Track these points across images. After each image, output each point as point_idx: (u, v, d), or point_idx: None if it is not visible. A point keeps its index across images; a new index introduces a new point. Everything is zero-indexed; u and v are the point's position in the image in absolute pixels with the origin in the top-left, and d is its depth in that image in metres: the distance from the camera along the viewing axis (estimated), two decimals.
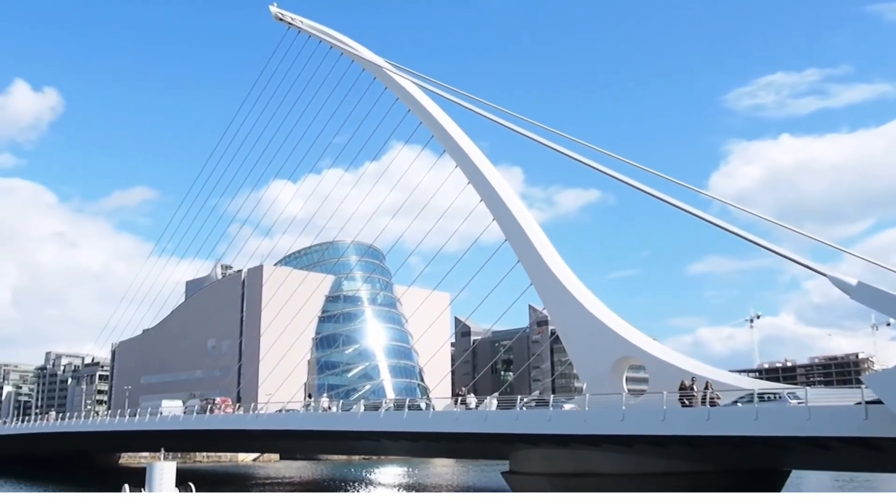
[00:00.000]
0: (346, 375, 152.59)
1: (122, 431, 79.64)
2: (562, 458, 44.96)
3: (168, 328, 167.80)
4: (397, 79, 64.17)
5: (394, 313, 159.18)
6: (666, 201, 37.24)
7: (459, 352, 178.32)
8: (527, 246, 51.51)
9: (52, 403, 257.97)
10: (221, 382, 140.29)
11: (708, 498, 23.34)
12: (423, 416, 52.40)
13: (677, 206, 36.72)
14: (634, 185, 39.07)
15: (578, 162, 42.42)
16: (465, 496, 29.17)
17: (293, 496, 33.40)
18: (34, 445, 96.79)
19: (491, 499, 29.81)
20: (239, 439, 75.48)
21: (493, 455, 63.14)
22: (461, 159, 57.79)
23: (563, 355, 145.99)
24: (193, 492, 52.63)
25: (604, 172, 40.90)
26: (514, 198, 55.50)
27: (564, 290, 48.63)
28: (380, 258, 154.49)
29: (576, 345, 48.91)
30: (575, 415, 42.16)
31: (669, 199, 37.27)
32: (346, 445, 74.94)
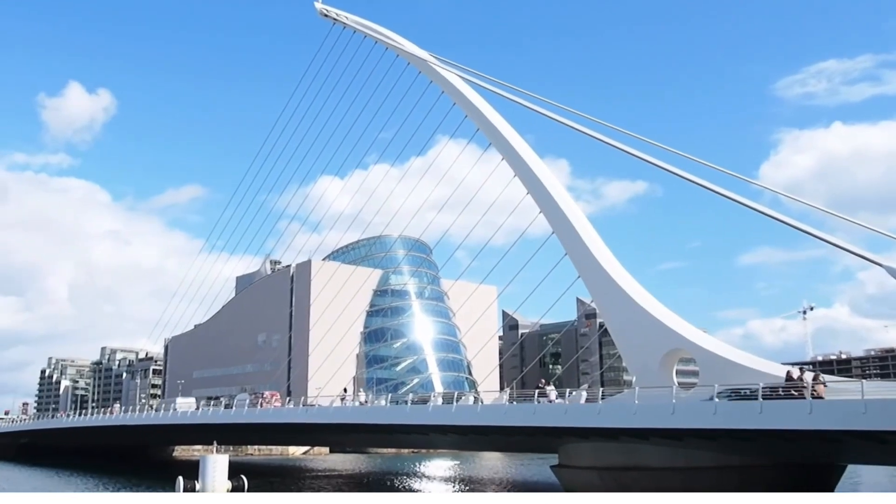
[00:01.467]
0: (394, 369, 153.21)
1: (176, 425, 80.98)
2: (611, 451, 44.66)
3: (219, 323, 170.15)
4: (442, 72, 64.08)
5: (441, 307, 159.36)
6: (715, 191, 36.63)
7: (507, 345, 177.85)
8: (574, 238, 51.16)
9: (108, 397, 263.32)
10: (272, 376, 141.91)
11: (709, 498, 23.18)
12: (471, 409, 52.41)
13: (727, 196, 36.09)
14: (683, 175, 38.52)
15: (626, 153, 41.94)
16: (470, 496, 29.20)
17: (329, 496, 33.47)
18: (91, 438, 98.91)
19: (491, 499, 29.78)
20: (289, 432, 76.27)
21: (542, 448, 62.90)
22: (507, 152, 57.57)
23: (611, 348, 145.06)
24: (245, 484, 53.51)
25: (652, 163, 40.38)
26: (560, 190, 55.15)
27: (613, 283, 48.21)
28: (427, 252, 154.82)
29: (624, 338, 48.47)
30: (625, 408, 41.78)
31: (719, 190, 36.65)
32: (395, 439, 75.37)
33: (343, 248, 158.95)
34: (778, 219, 34.20)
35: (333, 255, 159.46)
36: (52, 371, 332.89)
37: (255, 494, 32.56)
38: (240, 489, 53.40)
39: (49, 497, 17.45)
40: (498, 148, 58.55)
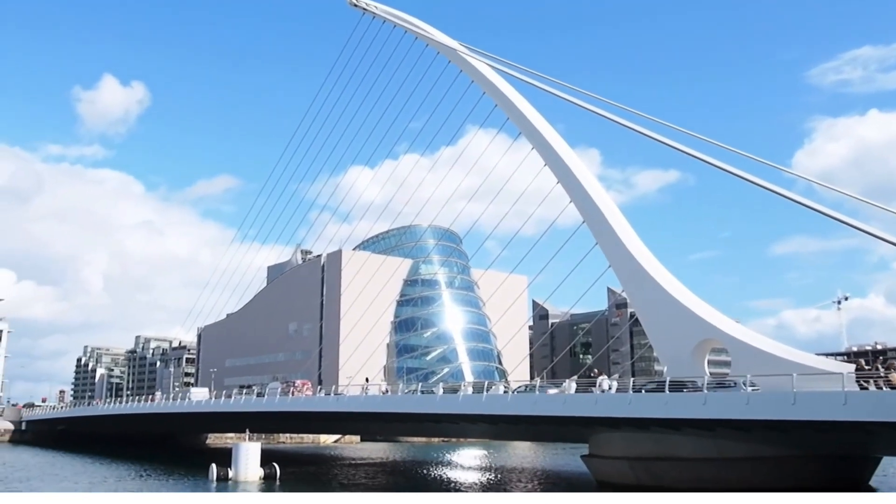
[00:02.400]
0: (424, 359, 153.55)
1: (209, 413, 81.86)
2: (642, 441, 44.54)
3: (251, 312, 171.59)
4: (472, 61, 63.93)
5: (471, 297, 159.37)
6: (748, 180, 36.25)
7: (537, 335, 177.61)
8: (605, 228, 50.94)
9: (142, 385, 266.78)
10: (303, 365, 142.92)
11: (711, 498, 23.09)
12: (501, 398, 52.45)
13: (760, 184, 35.71)
14: (715, 164, 38.17)
15: (657, 142, 41.63)
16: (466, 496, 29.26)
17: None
18: (125, 425, 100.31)
19: (491, 499, 29.78)
20: (320, 421, 76.79)
21: (573, 438, 62.82)
22: (537, 141, 57.37)
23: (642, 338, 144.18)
24: (277, 472, 54.07)
25: (683, 152, 40.08)
26: (591, 179, 54.90)
27: (644, 272, 47.97)
28: (457, 242, 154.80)
29: (656, 327, 48.24)
30: (656, 398, 41.58)
31: (751, 178, 36.26)
32: (425, 427, 75.63)
33: (373, 237, 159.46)
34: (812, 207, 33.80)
35: (364, 245, 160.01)
36: (88, 359, 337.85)
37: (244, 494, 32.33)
38: (272, 477, 53.99)
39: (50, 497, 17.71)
40: (528, 137, 58.39)
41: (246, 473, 53.55)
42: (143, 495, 31.57)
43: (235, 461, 54.34)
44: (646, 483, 44.13)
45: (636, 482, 44.87)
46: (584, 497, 23.20)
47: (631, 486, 44.62)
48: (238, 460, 54.29)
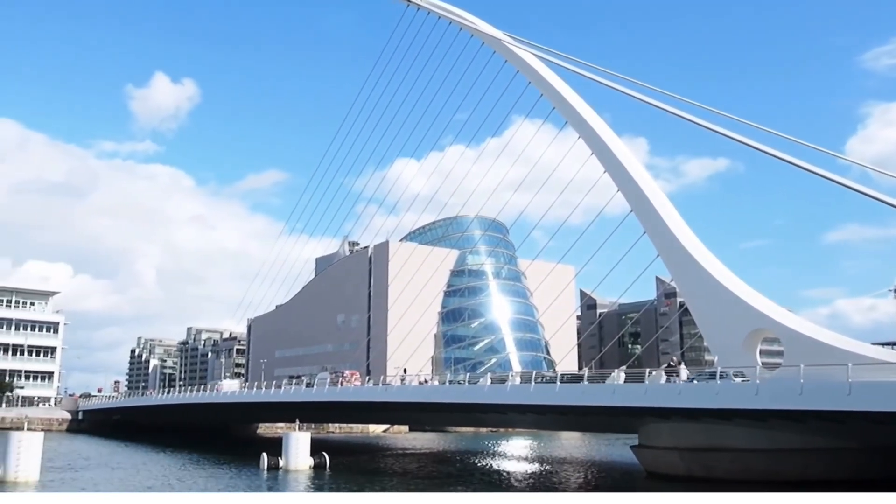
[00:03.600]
0: (472, 349, 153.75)
1: (259, 403, 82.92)
2: (693, 432, 44.13)
3: (299, 304, 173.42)
4: (517, 52, 63.61)
5: (518, 287, 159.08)
6: (800, 167, 35.53)
7: (585, 325, 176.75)
8: (653, 216, 50.41)
9: (194, 376, 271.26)
10: (351, 356, 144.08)
11: (712, 498, 22.73)
12: (549, 388, 52.28)
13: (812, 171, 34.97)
14: (766, 150, 37.47)
15: (706, 129, 40.99)
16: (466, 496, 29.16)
17: None
18: (178, 415, 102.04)
19: (490, 499, 29.57)
20: (368, 411, 77.30)
21: (622, 429, 62.48)
22: (584, 131, 56.95)
23: (692, 328, 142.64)
24: (327, 461, 54.60)
25: (733, 139, 39.39)
26: (639, 167, 54.36)
27: (693, 261, 47.39)
28: (503, 232, 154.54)
29: (706, 317, 47.63)
30: (706, 388, 41.10)
31: (804, 165, 35.53)
32: (473, 418, 75.79)
33: (420, 228, 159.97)
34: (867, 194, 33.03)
35: (410, 236, 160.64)
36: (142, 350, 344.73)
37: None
38: (321, 466, 54.53)
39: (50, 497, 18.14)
40: (574, 126, 57.99)
41: (296, 462, 54.15)
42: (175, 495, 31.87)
43: (286, 450, 54.98)
44: (697, 474, 43.71)
45: (687, 473, 44.46)
46: (585, 497, 22.97)
47: (681, 478, 44.26)
48: (288, 450, 54.91)
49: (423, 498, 28.02)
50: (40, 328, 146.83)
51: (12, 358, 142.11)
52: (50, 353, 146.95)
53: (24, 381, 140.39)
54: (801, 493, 20.54)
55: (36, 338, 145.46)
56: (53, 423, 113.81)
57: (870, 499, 19.13)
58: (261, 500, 34.27)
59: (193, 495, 35.63)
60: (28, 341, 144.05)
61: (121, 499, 24.09)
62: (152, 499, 23.78)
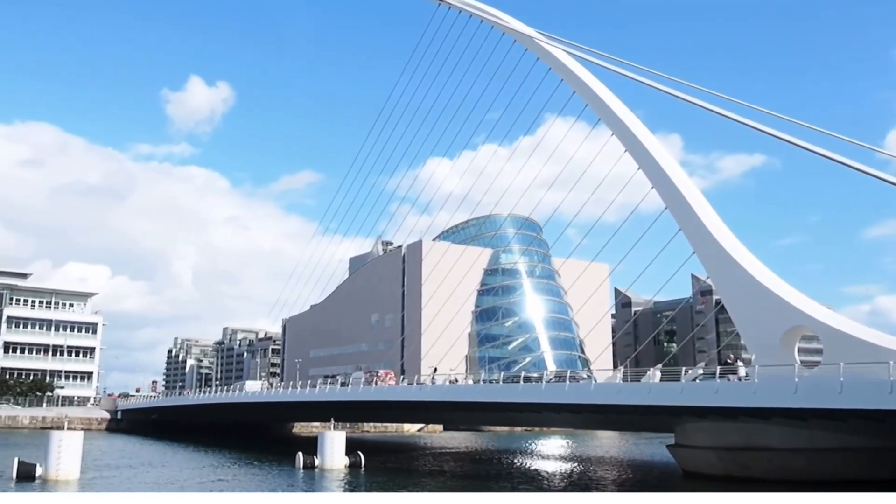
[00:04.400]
0: (506, 348, 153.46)
1: (295, 402, 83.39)
2: (730, 431, 43.64)
3: (333, 303, 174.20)
4: (549, 49, 63.31)
5: (552, 285, 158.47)
6: (838, 161, 34.97)
7: (620, 323, 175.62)
8: (688, 213, 49.91)
9: (230, 376, 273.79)
10: (386, 355, 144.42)
11: (713, 498, 22.36)
12: (584, 387, 52.01)
13: (851, 165, 34.41)
14: (803, 145, 36.98)
15: (742, 125, 40.57)
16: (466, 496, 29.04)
17: None
18: (215, 415, 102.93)
19: (489, 499, 29.34)
20: (403, 410, 77.44)
21: (658, 428, 61.92)
22: (617, 127, 56.54)
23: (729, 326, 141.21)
24: (363, 460, 54.76)
25: (769, 134, 38.93)
26: (673, 164, 53.85)
27: (729, 259, 46.84)
28: (537, 230, 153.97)
29: (743, 315, 47.04)
30: (744, 387, 40.62)
31: (842, 160, 34.96)
32: (508, 417, 75.58)
33: (453, 227, 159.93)
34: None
35: (444, 235, 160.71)
36: (178, 350, 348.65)
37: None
38: (357, 465, 54.70)
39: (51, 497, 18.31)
40: (608, 123, 57.59)
41: (331, 461, 54.38)
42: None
43: (321, 449, 55.24)
44: (734, 474, 43.25)
45: (724, 473, 44.01)
46: (587, 497, 22.78)
47: (719, 477, 43.81)
48: (323, 449, 55.16)
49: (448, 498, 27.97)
50: (79, 329, 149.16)
51: (52, 358, 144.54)
52: (89, 354, 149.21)
53: (64, 381, 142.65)
54: (801, 494, 20.25)
55: (75, 338, 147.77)
56: (93, 422, 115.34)
57: (870, 499, 18.83)
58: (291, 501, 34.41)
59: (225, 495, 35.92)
60: (67, 342, 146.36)
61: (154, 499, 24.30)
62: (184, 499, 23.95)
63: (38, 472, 45.60)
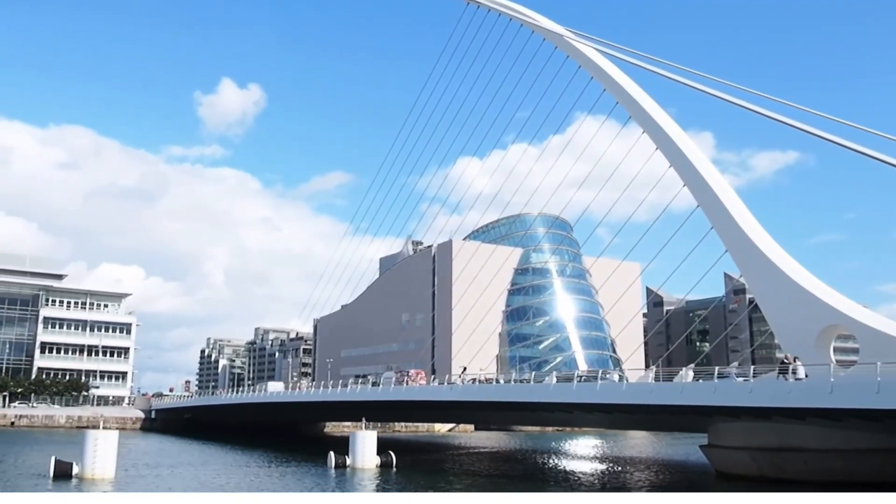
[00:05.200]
0: (537, 347, 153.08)
1: (326, 402, 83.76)
2: (764, 431, 43.17)
3: (364, 303, 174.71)
4: (579, 46, 63.02)
5: (583, 285, 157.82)
6: (875, 158, 34.43)
7: (652, 322, 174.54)
8: (721, 211, 49.45)
9: (262, 375, 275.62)
10: (416, 355, 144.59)
11: (712, 498, 22.03)
12: (616, 387, 51.70)
13: (888, 162, 33.88)
14: (838, 142, 36.44)
15: (775, 121, 40.10)
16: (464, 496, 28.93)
17: None
18: (247, 414, 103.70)
19: (488, 499, 29.13)
20: (434, 410, 77.46)
21: (690, 428, 61.45)
22: (648, 125, 56.16)
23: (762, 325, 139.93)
24: (394, 460, 54.87)
25: (804, 131, 38.43)
26: (705, 162, 53.39)
27: (763, 257, 46.34)
28: (567, 229, 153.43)
29: (777, 314, 46.51)
30: (778, 386, 40.10)
31: (878, 156, 34.41)
32: (539, 416, 75.32)
33: (483, 227, 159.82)
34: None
35: (474, 235, 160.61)
36: (211, 350, 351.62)
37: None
38: (388, 465, 54.81)
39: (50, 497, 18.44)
40: (638, 121, 57.22)
41: (363, 461, 54.53)
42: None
43: (352, 449, 55.41)
44: (769, 475, 42.77)
45: (759, 474, 43.55)
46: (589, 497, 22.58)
47: (753, 478, 43.36)
48: (355, 448, 55.33)
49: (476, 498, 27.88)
50: (114, 329, 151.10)
51: (88, 358, 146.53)
52: (123, 354, 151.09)
53: (99, 381, 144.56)
54: (802, 494, 20.01)
55: (110, 339, 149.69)
56: (127, 421, 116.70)
57: (870, 499, 18.59)
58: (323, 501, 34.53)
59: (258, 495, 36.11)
60: (102, 342, 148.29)
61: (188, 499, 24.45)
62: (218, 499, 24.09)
63: (74, 470, 46.22)
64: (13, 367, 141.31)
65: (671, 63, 50.50)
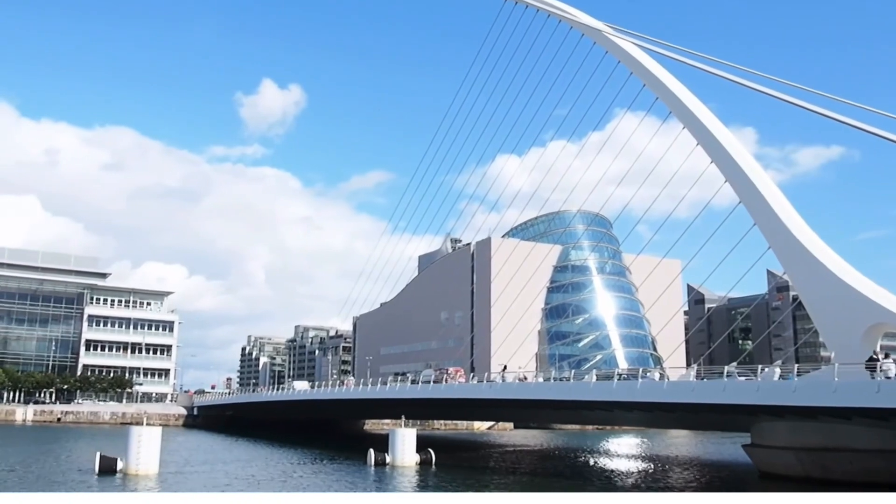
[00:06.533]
0: (576, 345, 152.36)
1: (366, 399, 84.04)
2: (809, 431, 42.44)
3: (403, 301, 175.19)
4: (618, 42, 62.46)
5: (623, 282, 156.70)
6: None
7: (693, 320, 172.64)
8: (764, 207, 48.72)
9: (302, 373, 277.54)
10: (455, 353, 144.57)
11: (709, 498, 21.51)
12: (657, 385, 51.21)
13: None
14: (884, 135, 35.72)
15: (819, 115, 39.41)
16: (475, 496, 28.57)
17: None
18: (287, 412, 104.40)
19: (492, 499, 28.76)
20: (473, 408, 77.38)
21: (733, 427, 60.66)
22: (689, 121, 55.48)
23: (806, 323, 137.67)
24: (433, 457, 54.88)
25: (849, 125, 37.73)
26: (747, 157, 52.62)
27: (807, 254, 45.56)
28: (607, 227, 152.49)
29: (822, 311, 45.72)
30: (823, 386, 39.39)
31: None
32: (578, 415, 74.89)
33: (521, 224, 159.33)
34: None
35: (512, 232, 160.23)
36: (252, 348, 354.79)
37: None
38: (427, 462, 54.84)
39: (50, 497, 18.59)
40: (679, 117, 56.56)
41: (402, 459, 54.61)
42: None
43: (392, 447, 55.51)
44: (814, 476, 42.06)
45: (804, 474, 42.84)
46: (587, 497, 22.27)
47: (798, 479, 42.67)
48: (395, 446, 55.43)
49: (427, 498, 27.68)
50: (156, 327, 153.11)
51: (131, 356, 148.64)
52: (166, 351, 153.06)
53: (143, 378, 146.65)
54: (802, 494, 19.62)
55: (153, 336, 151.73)
56: (170, 418, 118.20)
57: (870, 499, 18.21)
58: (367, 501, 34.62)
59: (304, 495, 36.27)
60: (145, 340, 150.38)
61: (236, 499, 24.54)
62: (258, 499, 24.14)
63: (118, 466, 46.89)
64: (59, 364, 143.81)
65: (712, 57, 49.90)
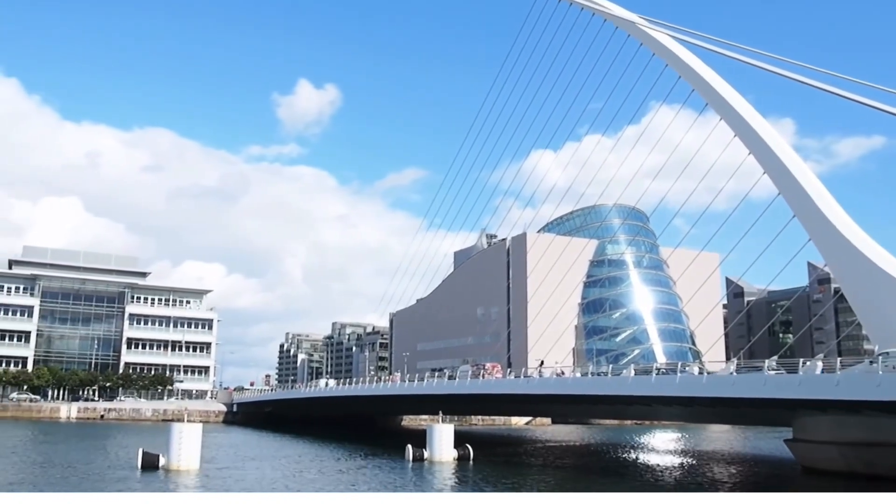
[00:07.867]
0: (614, 340, 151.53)
1: (403, 395, 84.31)
2: (853, 425, 41.80)
3: (439, 297, 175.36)
4: (652, 34, 61.87)
5: (660, 276, 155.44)
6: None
7: (732, 314, 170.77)
8: (803, 199, 48.00)
9: (339, 369, 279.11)
10: (492, 348, 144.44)
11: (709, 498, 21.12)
12: (696, 380, 50.64)
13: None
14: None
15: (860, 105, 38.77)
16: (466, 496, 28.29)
17: None
18: (326, 408, 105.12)
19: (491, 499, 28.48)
20: (510, 403, 77.27)
21: (774, 421, 60.02)
22: (726, 112, 54.82)
23: (849, 315, 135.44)
24: (471, 453, 54.90)
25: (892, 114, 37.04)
26: (786, 148, 51.88)
27: (849, 245, 44.80)
28: (643, 220, 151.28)
29: (865, 304, 44.97)
30: (866, 378, 38.70)
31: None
32: (616, 410, 74.47)
33: (557, 219, 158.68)
34: None
35: (548, 227, 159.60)
36: (290, 345, 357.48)
37: None
38: (465, 458, 54.87)
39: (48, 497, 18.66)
40: (716, 108, 55.89)
41: (440, 454, 54.71)
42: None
43: (430, 442, 55.63)
44: (858, 470, 41.44)
45: (847, 469, 42.22)
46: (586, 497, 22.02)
47: (841, 474, 42.08)
48: (432, 441, 55.54)
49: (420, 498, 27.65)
50: (196, 325, 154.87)
51: (171, 353, 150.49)
52: (205, 349, 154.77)
53: (183, 376, 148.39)
54: (802, 493, 19.34)
55: (192, 334, 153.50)
56: (210, 415, 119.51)
57: (870, 499, 17.92)
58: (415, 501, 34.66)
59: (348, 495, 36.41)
60: (185, 337, 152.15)
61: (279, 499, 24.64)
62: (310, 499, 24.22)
63: (160, 462, 47.50)
64: (102, 362, 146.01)
65: (747, 47, 49.30)
